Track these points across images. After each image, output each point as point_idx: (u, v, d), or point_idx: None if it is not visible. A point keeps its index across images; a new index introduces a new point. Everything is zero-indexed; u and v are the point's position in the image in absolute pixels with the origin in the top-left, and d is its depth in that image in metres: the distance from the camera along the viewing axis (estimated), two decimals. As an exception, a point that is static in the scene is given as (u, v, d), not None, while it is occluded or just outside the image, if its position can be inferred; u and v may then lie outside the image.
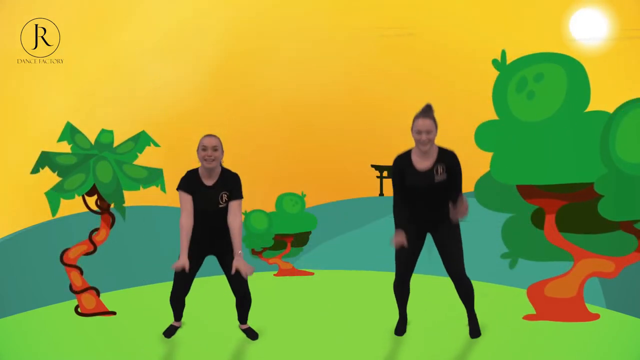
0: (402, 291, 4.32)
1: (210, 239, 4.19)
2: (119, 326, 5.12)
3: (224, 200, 4.14)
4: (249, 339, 4.38)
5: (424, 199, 4.10)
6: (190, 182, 4.14)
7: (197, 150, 4.13)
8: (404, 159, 4.12)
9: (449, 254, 4.13)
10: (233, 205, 4.14)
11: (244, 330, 4.44)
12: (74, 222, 6.77)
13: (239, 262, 4.01)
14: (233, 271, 4.04)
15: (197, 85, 9.68)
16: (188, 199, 4.12)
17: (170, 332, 4.45)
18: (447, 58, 9.65)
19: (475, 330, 4.28)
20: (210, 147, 4.08)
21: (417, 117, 4.06)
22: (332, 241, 10.19)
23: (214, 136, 4.17)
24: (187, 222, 4.10)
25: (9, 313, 5.82)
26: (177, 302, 4.35)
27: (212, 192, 4.13)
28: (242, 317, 4.42)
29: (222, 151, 4.16)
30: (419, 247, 4.22)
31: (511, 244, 5.22)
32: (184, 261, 4.03)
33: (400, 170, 4.11)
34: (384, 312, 5.21)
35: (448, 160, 4.07)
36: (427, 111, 4.07)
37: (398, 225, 4.08)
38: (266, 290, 7.26)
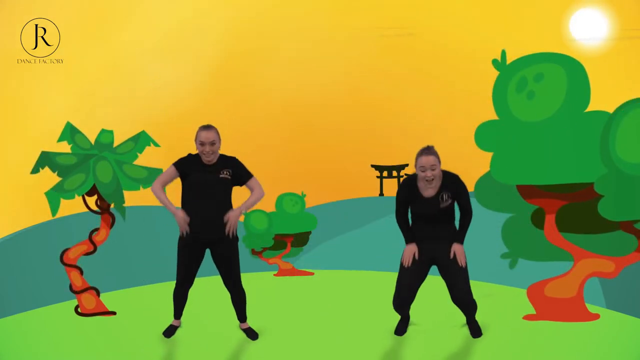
0: (402, 307, 4.31)
1: (207, 218, 4.12)
2: (119, 326, 5.12)
3: (225, 173, 4.13)
4: (249, 339, 4.38)
5: (429, 224, 4.19)
6: (187, 163, 4.14)
7: (195, 140, 4.13)
8: (410, 186, 4.18)
9: (455, 272, 4.13)
10: (250, 183, 4.19)
11: (244, 330, 4.44)
12: (74, 222, 6.77)
13: (233, 213, 4.08)
14: (225, 219, 4.06)
15: (197, 85, 9.68)
16: (172, 174, 4.15)
17: (170, 332, 4.45)
18: (447, 58, 9.65)
19: (476, 330, 4.29)
20: (208, 143, 4.08)
21: (419, 154, 4.11)
22: (332, 241, 10.19)
23: (212, 129, 4.14)
24: (159, 187, 4.15)
25: (9, 313, 5.82)
26: (181, 296, 4.33)
27: (211, 170, 4.13)
28: (241, 315, 4.41)
29: (220, 141, 4.16)
30: (424, 273, 4.24)
31: (511, 244, 5.22)
32: (181, 214, 4.05)
33: (406, 196, 4.19)
34: (384, 312, 5.21)
35: (452, 185, 4.15)
36: (429, 148, 4.13)
37: (408, 239, 4.21)
38: (266, 290, 7.27)
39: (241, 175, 4.20)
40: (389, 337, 4.40)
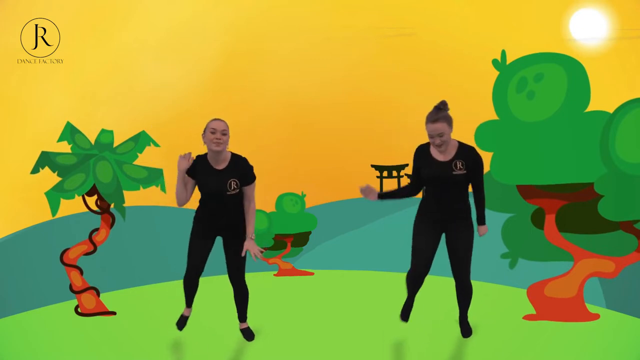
0: (415, 284, 4.22)
1: (218, 222, 4.17)
2: (119, 326, 5.12)
3: (232, 188, 4.10)
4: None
5: (440, 192, 4.03)
6: (197, 166, 4.13)
7: (204, 133, 4.12)
8: (423, 150, 4.09)
9: (458, 259, 4.09)
10: (247, 190, 4.18)
11: (242, 330, 4.43)
12: (74, 222, 6.76)
13: (250, 244, 4.07)
14: (243, 253, 4.08)
15: (197, 85, 9.67)
16: (186, 178, 4.15)
17: (181, 323, 4.42)
18: (447, 58, 9.64)
19: (467, 330, 4.28)
20: (219, 131, 4.08)
21: (427, 119, 3.97)
22: (332, 241, 10.18)
23: (222, 120, 4.18)
24: (180, 193, 4.16)
25: (9, 313, 5.82)
26: (191, 283, 4.31)
27: (221, 177, 4.10)
28: (242, 314, 4.40)
29: (228, 136, 4.16)
30: (436, 243, 4.16)
31: (511, 244, 5.22)
32: (184, 156, 4.12)
33: (418, 162, 4.10)
34: (384, 312, 5.22)
35: (467, 155, 3.98)
36: (436, 112, 3.95)
37: (383, 192, 4.26)
38: (266, 290, 7.26)
39: (246, 178, 4.18)
40: (389, 337, 4.40)
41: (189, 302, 4.45)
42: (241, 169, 4.15)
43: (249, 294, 4.39)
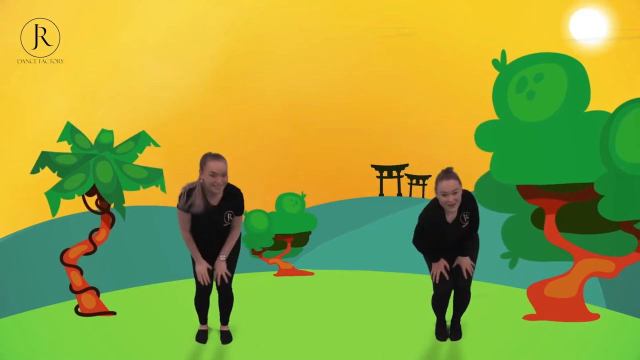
0: (441, 305, 4.27)
1: (211, 252, 4.18)
2: (119, 326, 5.12)
3: (228, 220, 4.09)
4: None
5: (451, 244, 4.17)
6: (193, 201, 4.00)
7: (203, 171, 3.93)
8: (435, 215, 4.06)
9: (461, 271, 4.15)
10: (236, 220, 4.15)
11: (222, 332, 4.43)
12: (74, 222, 6.76)
13: (220, 265, 4.08)
14: (216, 275, 4.10)
15: (197, 85, 9.68)
16: (187, 218, 4.06)
17: (202, 337, 4.44)
18: (447, 58, 9.65)
19: (457, 333, 4.30)
20: (220, 175, 3.91)
21: (440, 178, 4.00)
22: (332, 241, 10.19)
23: (222, 159, 3.97)
24: (188, 235, 4.11)
25: (9, 313, 5.82)
26: (202, 303, 4.35)
27: (217, 212, 4.06)
28: (225, 317, 4.43)
29: (227, 176, 4.03)
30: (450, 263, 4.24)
31: (511, 244, 5.22)
32: (204, 264, 4.09)
33: (432, 222, 4.08)
34: (384, 312, 5.22)
35: (469, 203, 4.09)
36: (447, 172, 4.01)
37: (434, 258, 4.15)
38: (266, 290, 7.27)
39: (238, 212, 4.15)
40: (389, 337, 4.40)
41: (204, 320, 4.46)
42: (235, 203, 4.09)
43: (248, 294, 4.42)
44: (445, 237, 4.11)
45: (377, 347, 4.21)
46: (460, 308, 4.27)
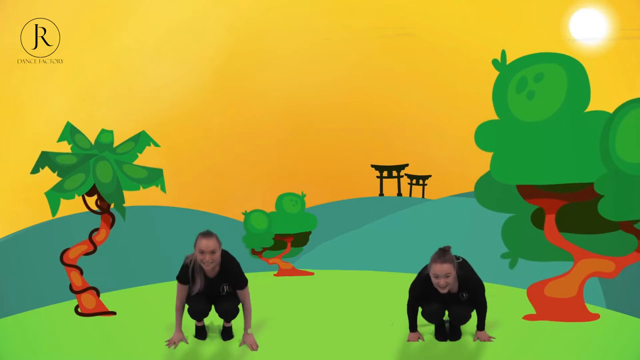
0: (434, 319, 4.30)
1: (207, 300, 4.27)
2: (119, 326, 5.12)
3: (224, 291, 4.18)
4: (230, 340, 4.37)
5: (447, 307, 4.19)
6: (189, 276, 4.11)
7: (194, 247, 4.03)
8: (426, 285, 4.06)
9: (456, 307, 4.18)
10: (242, 294, 4.19)
11: (224, 327, 4.44)
12: (74, 222, 6.76)
13: (249, 338, 4.13)
14: (240, 345, 4.14)
15: (197, 86, 9.67)
16: (184, 288, 4.16)
17: (200, 333, 4.46)
18: (447, 58, 9.65)
19: (457, 335, 4.31)
20: (208, 252, 3.97)
21: (433, 260, 3.97)
22: (332, 241, 10.18)
23: (212, 236, 4.02)
24: (182, 306, 4.20)
25: (9, 313, 5.82)
26: (196, 317, 4.38)
27: (214, 284, 4.16)
28: (227, 320, 4.47)
29: (220, 247, 4.07)
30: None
31: (511, 244, 5.22)
32: (179, 335, 4.17)
33: (421, 292, 4.11)
34: (384, 312, 5.22)
35: (468, 282, 4.09)
36: (443, 253, 3.97)
37: (412, 328, 4.23)
38: (266, 290, 7.26)
39: (235, 282, 4.18)
40: (389, 337, 4.39)
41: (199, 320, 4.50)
42: (232, 277, 4.16)
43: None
44: (439, 302, 4.12)
45: (376, 346, 4.20)
46: (455, 324, 4.31)
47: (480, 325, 4.21)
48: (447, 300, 4.13)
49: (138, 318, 5.41)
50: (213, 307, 4.32)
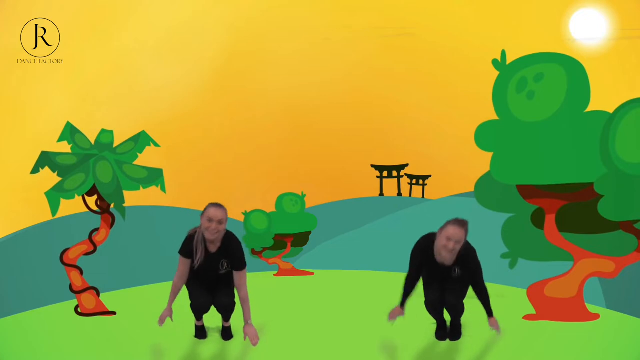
0: (435, 310, 4.27)
1: (207, 292, 4.25)
2: (119, 326, 5.12)
3: (224, 268, 4.15)
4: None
5: (440, 282, 4.13)
6: (192, 249, 4.10)
7: (202, 217, 4.02)
8: (425, 251, 4.06)
9: (451, 290, 4.14)
10: (239, 275, 4.13)
11: (224, 328, 4.44)
12: (74, 222, 6.76)
13: (250, 330, 4.03)
14: (244, 338, 4.06)
15: (197, 86, 9.67)
16: (186, 263, 4.12)
17: (200, 333, 4.46)
18: (447, 58, 9.66)
19: (457, 335, 4.30)
20: (216, 221, 3.98)
21: (450, 223, 3.97)
22: (332, 241, 10.19)
23: (221, 208, 4.05)
24: (179, 282, 4.17)
25: (9, 313, 5.82)
26: (198, 313, 4.39)
27: (213, 259, 4.13)
28: (226, 318, 4.44)
29: (227, 221, 4.08)
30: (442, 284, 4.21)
31: (511, 244, 5.22)
32: (168, 311, 4.15)
33: (420, 261, 4.10)
34: (383, 312, 5.21)
35: (468, 262, 4.06)
36: (462, 222, 3.97)
37: (402, 302, 4.18)
38: (266, 290, 7.26)
39: (233, 261, 4.15)
40: (389, 337, 4.39)
41: (199, 317, 4.48)
42: (233, 252, 4.14)
43: (249, 294, 4.40)
44: (432, 274, 4.10)
45: (376, 346, 4.20)
46: (454, 317, 4.29)
47: (489, 312, 4.16)
48: (440, 275, 4.07)
49: (138, 318, 5.41)
50: (213, 307, 4.32)
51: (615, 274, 4.73)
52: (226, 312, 4.31)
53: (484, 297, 4.13)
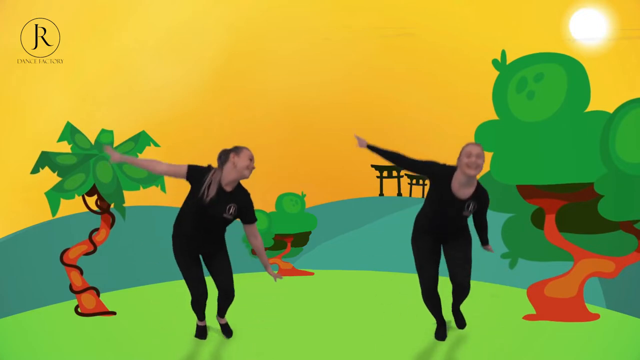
0: (433, 301, 4.25)
1: (203, 240, 4.15)
2: (119, 326, 5.12)
3: (230, 212, 4.10)
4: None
5: (447, 219, 4.10)
6: (201, 177, 4.04)
7: (239, 156, 4.06)
8: (447, 177, 4.02)
9: (459, 266, 4.11)
10: (250, 228, 4.17)
11: (222, 325, 4.45)
12: (74, 222, 6.77)
13: (271, 271, 4.26)
14: (275, 279, 4.22)
15: (197, 86, 9.67)
16: (179, 172, 4.06)
17: (201, 333, 4.46)
18: (447, 58, 9.66)
19: (461, 322, 4.31)
20: (253, 161, 4.15)
21: (468, 145, 3.97)
22: (332, 241, 10.19)
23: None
24: (158, 166, 4.08)
25: (9, 313, 5.82)
26: (200, 304, 4.35)
27: (223, 199, 4.07)
28: (223, 310, 4.44)
29: None
30: (438, 257, 4.21)
31: (511, 244, 5.23)
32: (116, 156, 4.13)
33: (439, 177, 4.06)
34: (383, 312, 5.22)
35: (482, 199, 4.04)
36: (479, 143, 4.01)
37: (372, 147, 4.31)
38: (266, 290, 7.26)
39: (246, 214, 4.15)
40: (389, 337, 4.40)
41: (202, 317, 4.47)
42: (245, 204, 4.15)
43: (248, 294, 4.43)
44: (445, 206, 4.04)
45: (376, 346, 4.21)
46: (458, 300, 4.26)
47: (485, 240, 4.25)
48: (455, 211, 4.04)
49: (138, 318, 5.41)
50: (213, 307, 4.32)
51: (615, 274, 4.73)
52: (227, 296, 4.27)
53: (483, 228, 4.22)
